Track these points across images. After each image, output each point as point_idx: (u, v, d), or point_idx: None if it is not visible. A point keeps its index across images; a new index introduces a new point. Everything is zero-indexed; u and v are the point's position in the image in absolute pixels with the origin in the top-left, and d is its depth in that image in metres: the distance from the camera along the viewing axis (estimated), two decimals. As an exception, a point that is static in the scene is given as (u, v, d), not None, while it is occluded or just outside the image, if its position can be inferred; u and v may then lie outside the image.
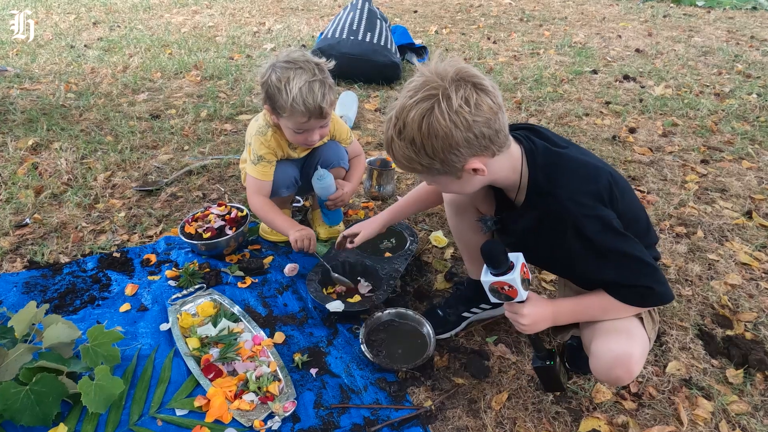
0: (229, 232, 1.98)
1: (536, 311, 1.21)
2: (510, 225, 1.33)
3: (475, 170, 1.13)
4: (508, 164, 1.19)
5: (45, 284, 1.86)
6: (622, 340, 1.22)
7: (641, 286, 1.18)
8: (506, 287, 1.15)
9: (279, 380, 1.50)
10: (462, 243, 1.69)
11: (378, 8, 3.96)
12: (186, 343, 1.60)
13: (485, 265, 1.15)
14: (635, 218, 1.26)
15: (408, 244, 2.02)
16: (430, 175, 1.18)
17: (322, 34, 3.91)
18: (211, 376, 1.49)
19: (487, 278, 1.15)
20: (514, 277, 1.12)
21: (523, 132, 1.26)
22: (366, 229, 1.73)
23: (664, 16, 5.82)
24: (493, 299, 1.19)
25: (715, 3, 6.30)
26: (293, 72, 1.65)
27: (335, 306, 1.71)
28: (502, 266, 1.13)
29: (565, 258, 1.20)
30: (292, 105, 1.65)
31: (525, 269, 1.16)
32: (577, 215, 1.13)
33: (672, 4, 6.41)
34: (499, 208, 1.38)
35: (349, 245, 1.77)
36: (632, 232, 1.18)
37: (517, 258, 1.15)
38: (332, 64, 1.76)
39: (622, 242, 1.15)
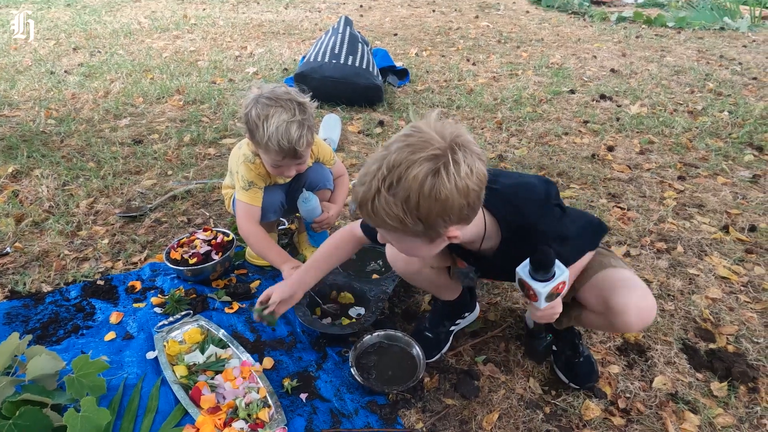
0: (216, 257, 1.97)
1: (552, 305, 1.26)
2: (491, 267, 1.40)
3: (450, 237, 1.12)
4: (474, 223, 1.18)
5: (27, 314, 1.82)
6: (643, 292, 1.35)
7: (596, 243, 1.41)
8: (531, 291, 1.18)
9: (269, 406, 1.48)
10: (425, 284, 1.68)
11: (359, 32, 4.02)
12: (173, 371, 1.58)
13: (532, 272, 1.17)
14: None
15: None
16: (404, 234, 1.11)
17: (304, 57, 3.95)
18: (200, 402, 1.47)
19: (522, 273, 1.18)
20: (542, 291, 1.16)
21: None
22: (278, 292, 1.58)
23: (637, 37, 5.99)
24: (517, 285, 1.22)
25: (685, 24, 6.49)
26: (273, 109, 1.67)
27: None
28: (544, 274, 1.16)
29: None
30: (266, 143, 1.68)
31: (562, 287, 1.20)
32: (550, 235, 1.23)
33: (644, 25, 6.60)
34: (465, 257, 1.44)
35: (265, 312, 1.59)
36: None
37: (562, 273, 1.18)
38: (315, 103, 1.78)
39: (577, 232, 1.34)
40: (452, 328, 1.76)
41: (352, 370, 1.58)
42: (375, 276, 1.99)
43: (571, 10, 7.41)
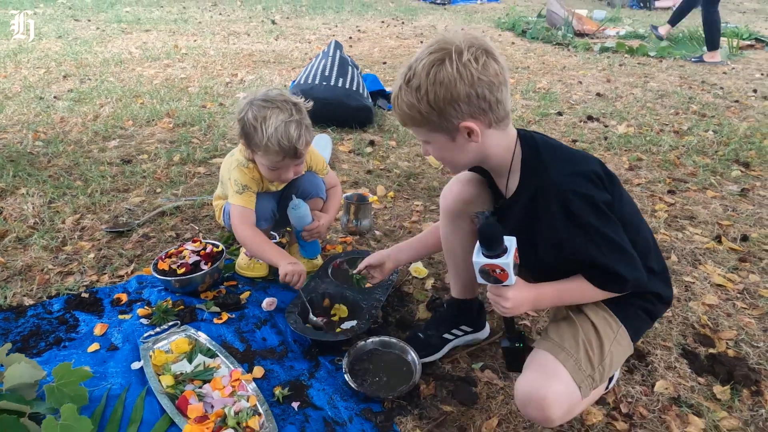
0: (205, 268, 1.92)
1: (520, 295, 1.21)
2: (507, 214, 1.33)
3: (469, 133, 1.17)
4: (504, 142, 1.24)
5: (7, 327, 1.76)
6: (537, 379, 1.21)
7: (615, 273, 1.19)
8: (498, 270, 1.14)
9: (259, 414, 1.42)
10: (450, 255, 1.65)
11: (349, 56, 4.07)
12: (159, 380, 1.51)
13: (478, 246, 1.14)
14: (633, 226, 1.28)
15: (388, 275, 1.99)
16: (427, 129, 1.21)
17: (294, 81, 3.98)
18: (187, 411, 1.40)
19: (479, 259, 1.14)
20: (508, 261, 1.12)
21: (522, 129, 1.30)
22: (369, 257, 1.73)
23: (620, 65, 6.12)
24: (480, 280, 1.19)
25: (666, 53, 6.67)
26: (270, 111, 1.66)
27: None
28: (497, 249, 1.12)
29: (553, 241, 1.20)
30: (266, 144, 1.66)
31: (516, 254, 1.15)
32: (565, 190, 1.15)
33: (626, 55, 6.76)
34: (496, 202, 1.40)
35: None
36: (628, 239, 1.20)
37: (511, 242, 1.15)
38: (310, 104, 1.78)
39: (604, 223, 1.17)
40: (446, 335, 1.70)
41: (345, 376, 1.53)
42: (368, 285, 1.95)
43: (555, 41, 7.59)
